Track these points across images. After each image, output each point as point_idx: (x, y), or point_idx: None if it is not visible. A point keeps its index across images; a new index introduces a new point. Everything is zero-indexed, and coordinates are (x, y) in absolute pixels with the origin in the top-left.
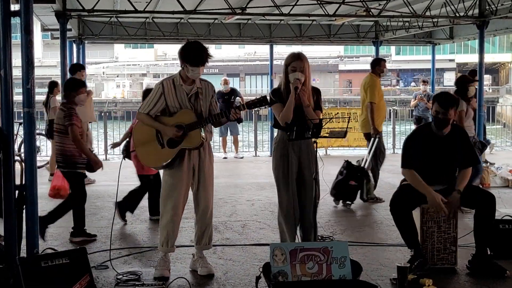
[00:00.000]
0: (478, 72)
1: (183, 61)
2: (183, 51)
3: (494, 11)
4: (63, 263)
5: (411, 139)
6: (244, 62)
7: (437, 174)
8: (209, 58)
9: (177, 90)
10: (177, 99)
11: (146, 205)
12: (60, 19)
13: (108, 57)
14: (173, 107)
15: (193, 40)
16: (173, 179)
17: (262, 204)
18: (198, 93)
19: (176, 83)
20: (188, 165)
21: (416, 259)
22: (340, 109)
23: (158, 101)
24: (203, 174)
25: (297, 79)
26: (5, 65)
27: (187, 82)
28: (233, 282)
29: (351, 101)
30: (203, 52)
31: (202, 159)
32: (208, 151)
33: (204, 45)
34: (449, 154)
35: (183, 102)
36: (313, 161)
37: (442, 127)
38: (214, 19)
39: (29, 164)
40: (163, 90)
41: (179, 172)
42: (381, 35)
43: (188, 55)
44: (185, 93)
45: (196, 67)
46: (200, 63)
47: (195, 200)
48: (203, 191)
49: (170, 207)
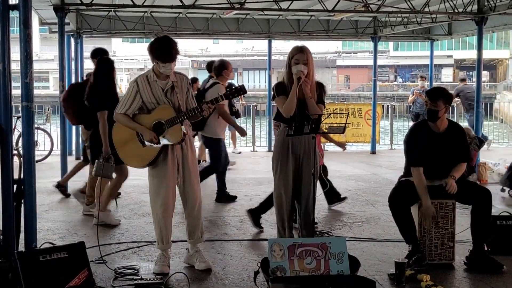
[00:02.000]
0: (476, 68)
1: (154, 57)
2: (152, 47)
3: (492, 7)
4: (62, 258)
5: (413, 137)
6: (242, 57)
7: (435, 169)
8: (178, 54)
9: (152, 86)
10: (153, 95)
11: (145, 199)
12: (58, 13)
13: None
14: (150, 103)
15: (161, 36)
16: (158, 176)
17: (260, 199)
18: (173, 87)
19: (150, 79)
20: (172, 160)
21: (414, 254)
22: (338, 105)
23: (134, 99)
24: (187, 168)
25: (300, 71)
26: (3, 59)
27: (161, 77)
28: (232, 277)
29: (348, 96)
30: (172, 48)
31: (185, 153)
32: (190, 145)
33: (172, 38)
34: (446, 150)
35: (159, 98)
36: (313, 156)
37: (432, 118)
38: (213, 14)
39: (27, 158)
40: (138, 88)
41: (163, 168)
42: (380, 31)
43: (157, 51)
44: (160, 89)
45: (167, 63)
46: (170, 59)
47: (182, 195)
48: (189, 185)
49: (159, 204)
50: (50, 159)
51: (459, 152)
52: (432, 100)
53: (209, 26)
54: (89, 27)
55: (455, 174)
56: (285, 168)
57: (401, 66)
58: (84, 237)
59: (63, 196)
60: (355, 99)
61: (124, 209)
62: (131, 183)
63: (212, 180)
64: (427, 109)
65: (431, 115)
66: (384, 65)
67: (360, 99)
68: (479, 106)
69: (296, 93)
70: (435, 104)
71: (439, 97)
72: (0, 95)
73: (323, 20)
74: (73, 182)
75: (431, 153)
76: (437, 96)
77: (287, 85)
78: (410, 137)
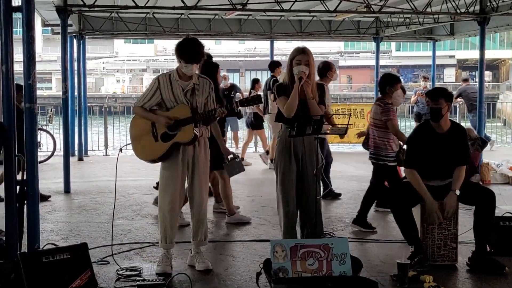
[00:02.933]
0: (479, 68)
1: (178, 56)
2: (179, 46)
3: (495, 7)
4: (64, 259)
5: (413, 139)
6: (244, 57)
7: (437, 170)
8: (203, 57)
9: (173, 85)
10: (172, 94)
11: (148, 200)
12: (61, 15)
13: (108, 52)
14: (169, 102)
15: (192, 37)
16: (168, 173)
17: (262, 200)
18: (194, 89)
19: (173, 78)
20: (183, 159)
21: (417, 255)
22: (340, 105)
23: (154, 95)
24: (198, 169)
25: (301, 71)
26: (6, 60)
27: (184, 78)
28: (234, 278)
29: (351, 97)
30: (198, 50)
31: (196, 154)
32: (204, 146)
33: (202, 42)
34: (448, 150)
35: (178, 97)
36: (315, 157)
37: (436, 117)
38: (215, 15)
39: (30, 159)
40: (159, 85)
41: (174, 166)
42: (382, 31)
43: (182, 51)
44: (181, 88)
45: (189, 64)
46: (194, 61)
47: (189, 195)
48: (197, 186)
49: (167, 201)
50: (53, 160)
51: (460, 154)
52: (433, 99)
53: (211, 27)
54: (92, 28)
55: (455, 186)
56: (288, 169)
57: (403, 66)
58: (87, 238)
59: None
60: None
61: (126, 210)
62: (133, 183)
63: None
64: (430, 108)
65: (434, 114)
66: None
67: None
68: (481, 106)
69: (297, 93)
70: (436, 103)
71: (440, 96)
72: (3, 96)
73: (325, 20)
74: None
75: (433, 153)
76: (437, 94)
77: (288, 86)
78: (411, 138)
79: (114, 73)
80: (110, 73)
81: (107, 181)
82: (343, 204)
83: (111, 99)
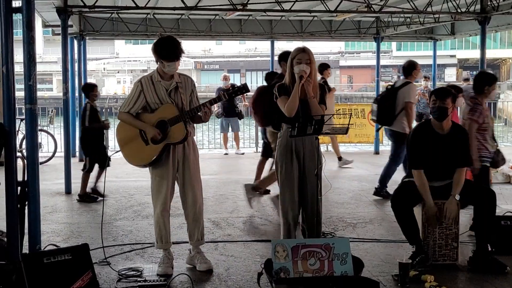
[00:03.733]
0: (479, 67)
1: (158, 57)
2: (156, 47)
3: (495, 7)
4: (66, 259)
5: (415, 138)
6: (245, 58)
7: (438, 170)
8: (182, 53)
9: (156, 87)
10: (156, 95)
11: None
12: (61, 15)
13: (109, 53)
14: (154, 103)
15: (166, 35)
16: (159, 175)
17: (263, 200)
18: (177, 87)
19: (154, 79)
20: (173, 160)
21: (418, 255)
22: (341, 105)
23: (138, 99)
24: (188, 168)
25: (302, 70)
26: (7, 61)
27: (165, 78)
28: (235, 278)
29: (352, 97)
30: (176, 46)
31: (186, 154)
32: (192, 146)
33: (176, 38)
34: (449, 151)
35: (163, 98)
36: (316, 157)
37: (442, 116)
38: (215, 15)
39: (31, 160)
40: (142, 88)
41: (165, 167)
42: (382, 31)
43: (161, 50)
44: (164, 89)
45: (171, 61)
46: (175, 58)
47: (182, 195)
48: (189, 185)
49: (160, 202)
50: (54, 161)
51: (461, 155)
52: (441, 98)
53: (211, 27)
54: (92, 29)
55: (456, 190)
56: (289, 169)
57: None
58: (88, 239)
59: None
60: (358, 100)
61: (127, 211)
62: (134, 184)
63: (214, 180)
64: (437, 107)
65: (441, 112)
66: (387, 65)
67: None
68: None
69: (298, 92)
70: (444, 102)
71: (448, 95)
72: (4, 97)
73: (326, 20)
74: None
75: (434, 154)
76: (446, 94)
77: (289, 86)
78: (412, 138)
79: (115, 74)
80: (111, 74)
81: (108, 182)
82: (344, 204)
83: (112, 100)
